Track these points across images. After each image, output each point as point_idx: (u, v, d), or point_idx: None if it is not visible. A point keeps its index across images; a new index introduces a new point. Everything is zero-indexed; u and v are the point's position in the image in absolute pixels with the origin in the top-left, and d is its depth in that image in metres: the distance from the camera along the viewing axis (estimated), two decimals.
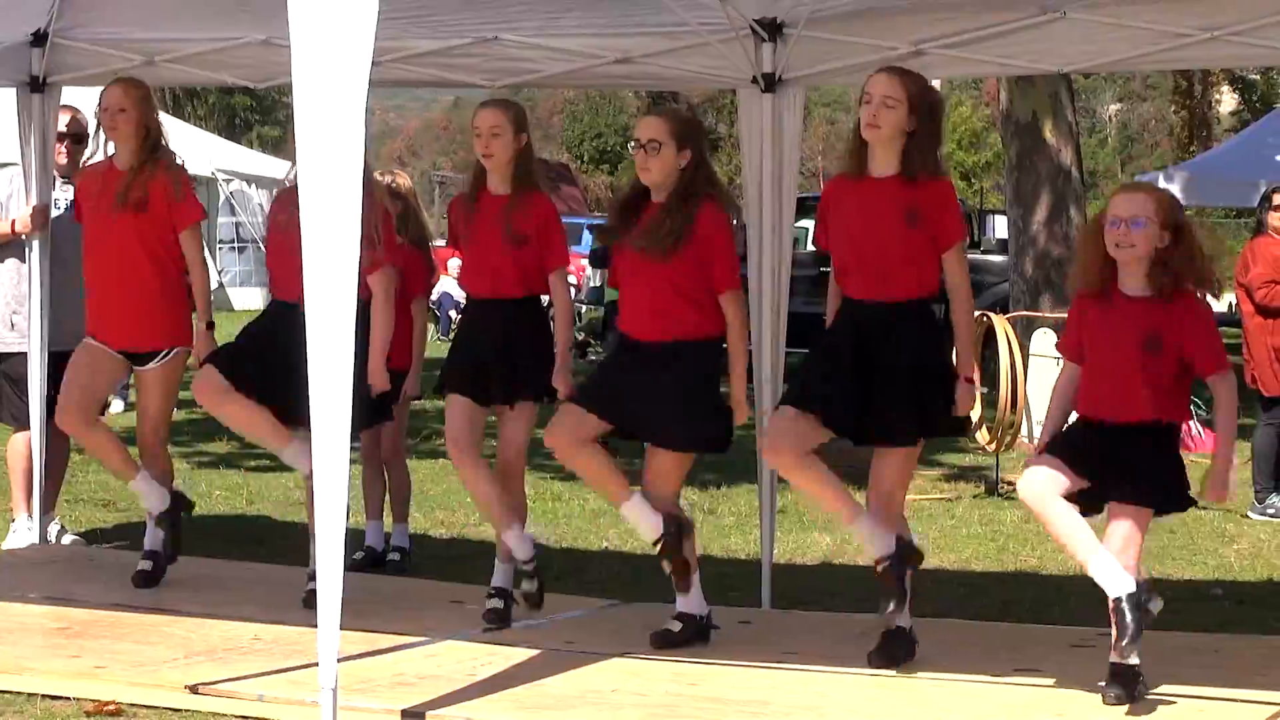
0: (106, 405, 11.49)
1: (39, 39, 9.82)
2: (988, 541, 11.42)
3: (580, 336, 26.11)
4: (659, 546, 7.67)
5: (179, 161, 8.86)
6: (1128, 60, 9.16)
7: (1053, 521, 6.65)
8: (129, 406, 17.27)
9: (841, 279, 7.43)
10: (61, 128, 9.99)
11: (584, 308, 26.27)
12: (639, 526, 7.78)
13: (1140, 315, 6.65)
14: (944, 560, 10.49)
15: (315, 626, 6.19)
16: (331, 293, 6.12)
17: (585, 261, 28.21)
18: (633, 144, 7.78)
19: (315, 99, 6.11)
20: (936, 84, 7.91)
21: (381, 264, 8.01)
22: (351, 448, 6.37)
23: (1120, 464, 6.64)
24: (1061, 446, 6.73)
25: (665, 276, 7.52)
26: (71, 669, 7.25)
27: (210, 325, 8.83)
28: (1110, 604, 6.57)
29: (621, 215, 7.82)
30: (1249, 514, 12.63)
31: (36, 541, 9.79)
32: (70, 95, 10.42)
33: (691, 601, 7.83)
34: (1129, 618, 6.52)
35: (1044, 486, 6.62)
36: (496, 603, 8.13)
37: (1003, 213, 24.11)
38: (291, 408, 7.88)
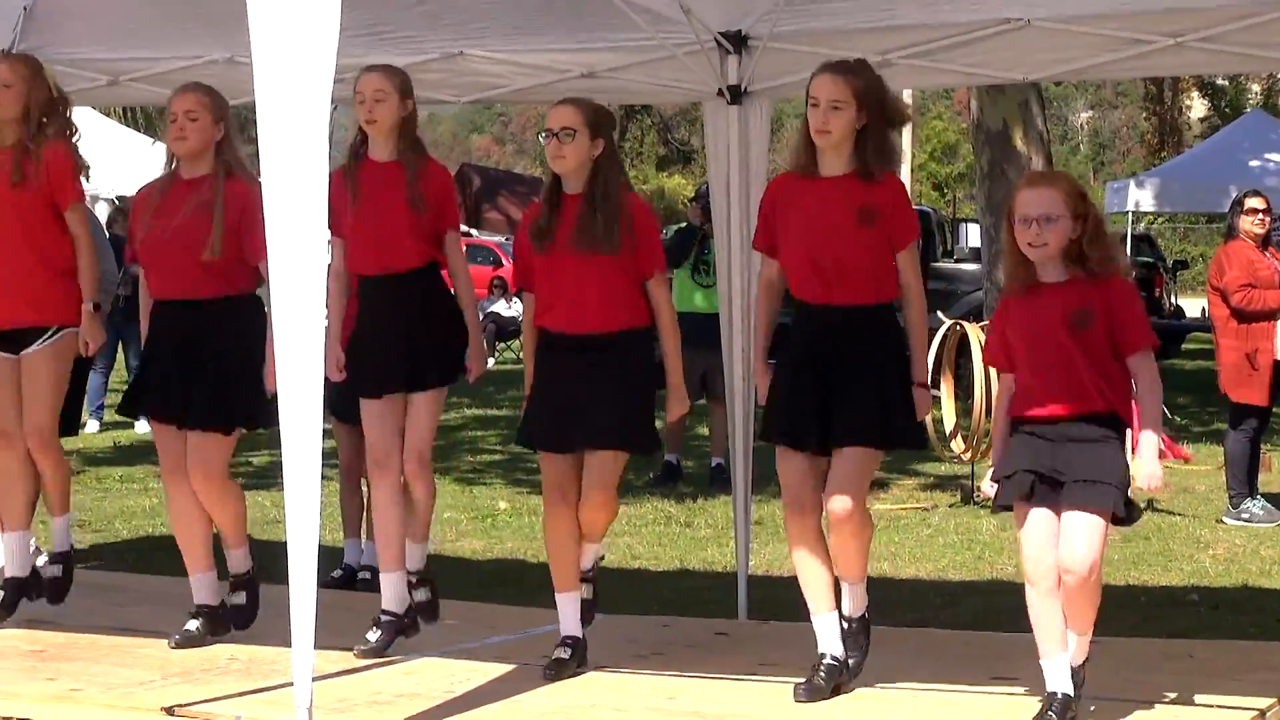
0: (82, 425, 11.46)
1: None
2: (964, 550, 11.43)
3: None
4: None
5: (70, 140, 8.47)
6: (1095, 67, 9.21)
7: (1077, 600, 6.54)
8: (104, 426, 17.30)
9: (797, 283, 7.29)
10: None
11: None
12: (563, 620, 7.61)
13: (1065, 295, 6.49)
14: (921, 570, 10.51)
15: (290, 646, 6.18)
16: (299, 307, 6.09)
17: None
18: (544, 134, 7.62)
19: (279, 116, 6.09)
20: (907, 95, 7.89)
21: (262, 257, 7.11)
22: (327, 464, 6.36)
23: (1081, 467, 6.46)
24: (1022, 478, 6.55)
25: (596, 267, 7.40)
26: (47, 692, 7.20)
27: (96, 306, 8.48)
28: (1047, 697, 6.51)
29: (545, 214, 7.60)
30: (1224, 519, 12.66)
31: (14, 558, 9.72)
32: None
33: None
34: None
35: (1047, 579, 6.52)
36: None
37: (975, 221, 24.13)
38: (191, 417, 7.93)
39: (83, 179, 8.52)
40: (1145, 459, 6.50)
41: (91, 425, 17.07)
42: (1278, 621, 9.19)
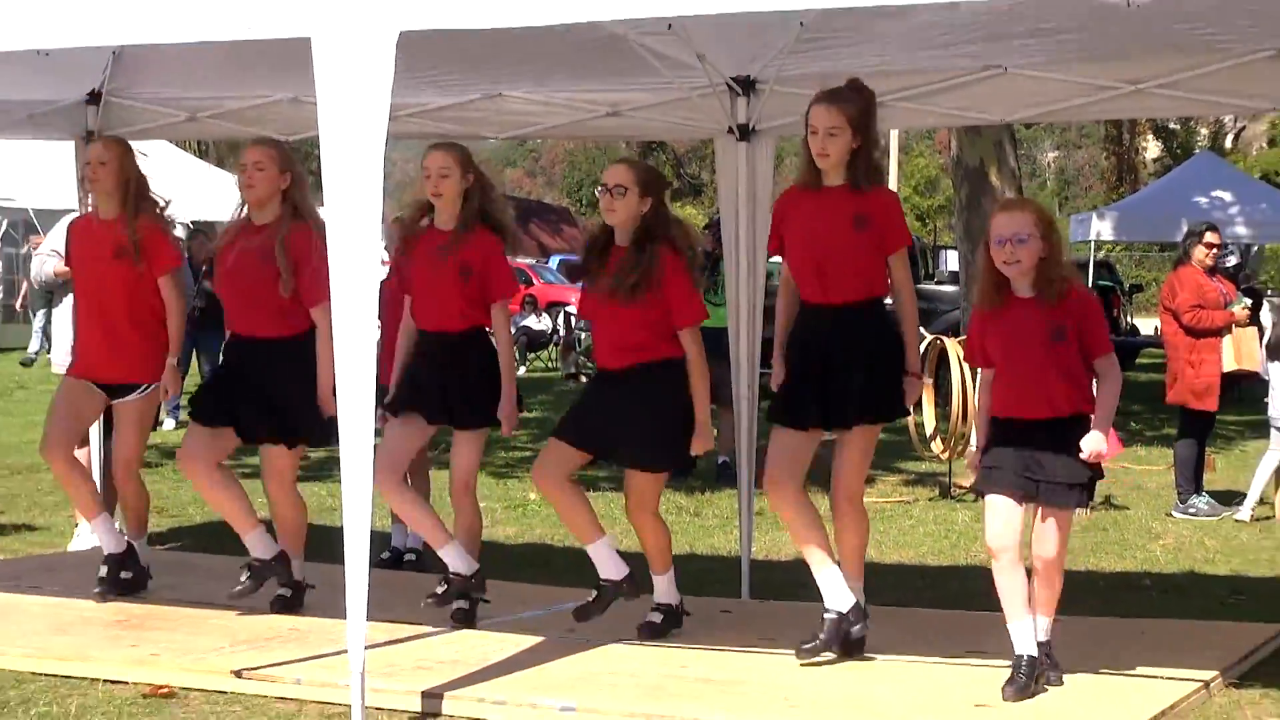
0: (159, 423, 11.46)
1: (94, 98, 9.85)
2: (942, 539, 11.43)
3: (582, 360, 26.13)
4: (612, 587, 7.65)
5: (161, 211, 8.61)
6: (1063, 111, 9.23)
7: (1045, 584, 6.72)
8: (179, 425, 17.30)
9: (799, 283, 7.35)
10: None
11: (583, 334, 26.25)
12: (601, 566, 7.69)
13: (1042, 312, 6.59)
14: (903, 556, 10.50)
15: (345, 619, 6.22)
16: (356, 320, 6.18)
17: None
18: (600, 189, 7.64)
19: (339, 151, 6.14)
20: (894, 134, 7.90)
21: (325, 299, 6.92)
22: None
23: (1049, 467, 6.57)
24: (1005, 482, 6.66)
25: (631, 315, 7.44)
26: (130, 657, 7.30)
27: (179, 362, 8.73)
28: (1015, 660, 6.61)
29: (589, 255, 7.70)
30: (1173, 513, 12.67)
31: (97, 544, 9.74)
32: None
33: (668, 593, 7.83)
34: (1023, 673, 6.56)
35: (1007, 553, 6.63)
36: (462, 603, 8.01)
37: (954, 248, 24.14)
38: (249, 430, 8.11)
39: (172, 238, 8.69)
40: (1094, 435, 6.59)
41: (168, 423, 17.08)
42: (1220, 604, 9.21)
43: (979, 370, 7.06)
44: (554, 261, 40.67)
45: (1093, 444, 6.53)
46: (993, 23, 7.74)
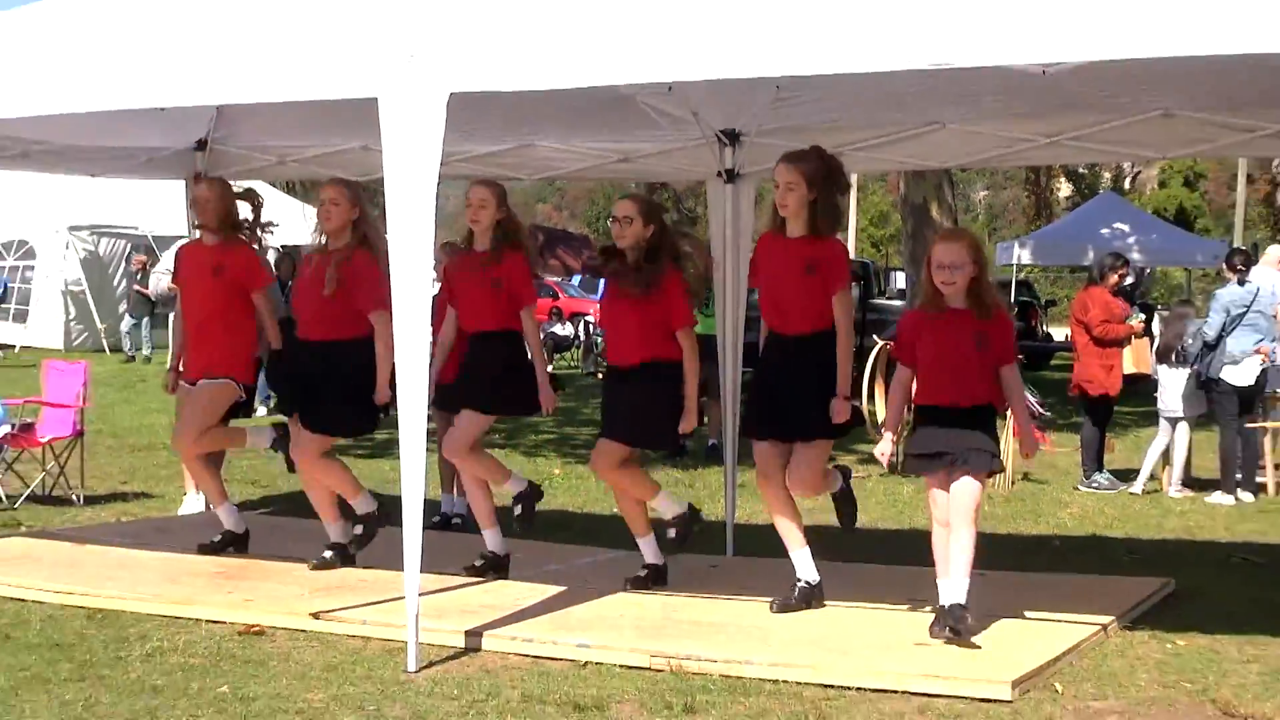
0: (252, 410, 11.44)
1: (201, 145, 9.85)
2: (890, 507, 11.41)
3: (600, 360, 26.11)
4: (681, 523, 7.79)
5: (255, 238, 8.58)
6: (989, 159, 9.28)
7: (959, 540, 6.62)
8: (270, 411, 17.31)
9: (765, 316, 7.33)
10: None
11: (599, 339, 26.24)
12: (665, 510, 7.79)
13: (969, 323, 6.63)
14: (859, 522, 10.44)
15: (403, 571, 6.25)
16: (413, 325, 6.21)
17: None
18: (611, 219, 7.68)
19: (399, 189, 6.17)
20: (853, 176, 7.89)
21: (382, 307, 7.11)
22: (430, 440, 6.39)
23: (964, 438, 6.59)
24: (926, 460, 6.71)
25: (638, 316, 7.47)
26: (228, 602, 7.31)
27: (259, 361, 8.64)
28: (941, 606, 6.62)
29: (602, 256, 7.74)
30: (1078, 487, 12.66)
31: (202, 509, 9.78)
32: None
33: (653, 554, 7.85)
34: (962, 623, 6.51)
35: (941, 522, 6.67)
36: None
37: (902, 270, 24.16)
38: (326, 424, 8.04)
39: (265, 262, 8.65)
40: (1025, 437, 6.88)
41: (260, 410, 17.06)
42: (1117, 562, 9.20)
43: (898, 364, 7.04)
44: (576, 280, 40.70)
45: (1029, 443, 6.90)
46: (933, 88, 7.74)
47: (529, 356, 7.99)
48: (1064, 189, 59.84)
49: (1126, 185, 56.31)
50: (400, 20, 6.42)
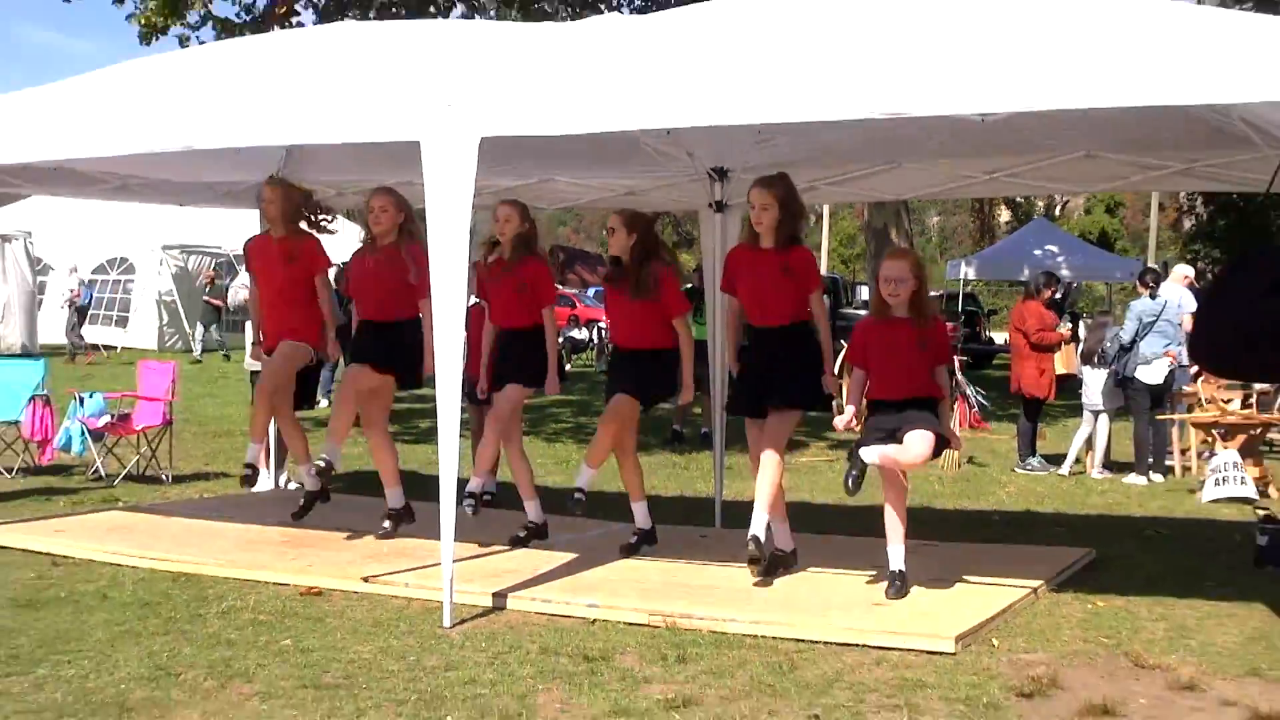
0: (315, 403, 11.42)
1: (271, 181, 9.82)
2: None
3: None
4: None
5: (319, 227, 8.56)
6: (939, 191, 9.27)
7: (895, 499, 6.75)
8: (330, 403, 17.28)
9: (749, 313, 7.25)
10: None
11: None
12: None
13: (912, 329, 6.63)
14: (828, 499, 10.44)
15: (439, 541, 6.24)
16: (450, 317, 6.22)
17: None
18: (606, 230, 7.79)
19: (439, 216, 6.17)
20: (825, 210, 7.86)
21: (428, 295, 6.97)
22: (463, 428, 6.37)
23: (912, 418, 6.62)
24: (879, 435, 6.70)
25: (640, 309, 7.49)
26: (292, 567, 7.29)
27: (333, 334, 8.50)
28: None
29: (613, 267, 7.69)
30: (1015, 469, 12.59)
31: (271, 486, 9.77)
32: None
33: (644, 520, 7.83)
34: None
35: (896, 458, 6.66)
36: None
37: (867, 284, 24.17)
38: (380, 361, 7.96)
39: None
40: (951, 433, 6.83)
41: (323, 402, 17.03)
42: (1047, 533, 9.12)
43: (854, 368, 7.00)
44: (591, 291, 40.71)
45: (954, 436, 6.86)
46: (891, 133, 7.74)
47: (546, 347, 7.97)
48: (1004, 215, 59.60)
49: (1057, 212, 56.01)
50: (438, 75, 6.44)
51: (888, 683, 5.38)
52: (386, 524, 8.08)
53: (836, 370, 7.88)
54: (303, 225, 8.43)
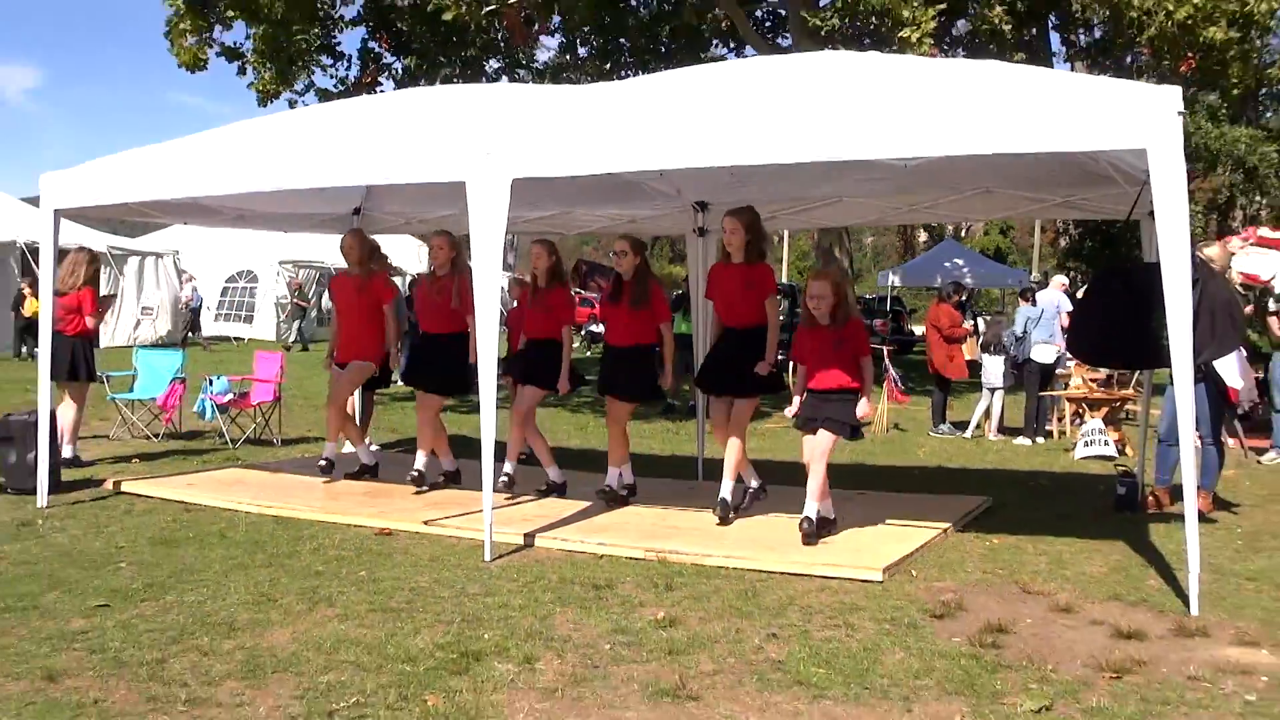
0: (393, 380, 11.27)
1: (356, 211, 9.66)
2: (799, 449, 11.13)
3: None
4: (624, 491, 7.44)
5: (387, 266, 8.41)
6: (872, 220, 9.08)
7: (814, 473, 6.41)
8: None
9: (720, 315, 7.08)
10: None
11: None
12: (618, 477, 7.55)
13: (833, 333, 6.41)
14: (787, 457, 10.28)
15: (481, 493, 6.05)
16: (489, 330, 5.99)
17: None
18: (613, 253, 7.62)
19: (481, 242, 5.97)
20: (786, 234, 7.64)
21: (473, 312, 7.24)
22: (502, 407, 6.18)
23: (830, 411, 6.38)
24: (806, 421, 6.47)
25: (635, 317, 7.30)
26: (369, 512, 7.10)
27: (393, 351, 8.31)
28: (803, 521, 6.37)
29: (615, 288, 7.46)
30: (930, 433, 12.41)
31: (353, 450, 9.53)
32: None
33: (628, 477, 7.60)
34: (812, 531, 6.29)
35: (809, 454, 6.43)
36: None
37: None
38: (437, 389, 7.81)
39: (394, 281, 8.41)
40: (863, 402, 6.42)
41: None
42: (952, 486, 8.90)
43: (797, 365, 6.80)
44: None
45: (863, 409, 6.42)
46: (836, 175, 7.58)
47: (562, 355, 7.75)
48: (922, 235, 59.28)
49: (963, 233, 55.69)
50: (479, 128, 6.24)
51: (830, 606, 5.22)
52: (440, 478, 7.98)
53: (792, 368, 7.65)
54: (373, 265, 8.30)
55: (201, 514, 7.14)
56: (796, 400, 6.72)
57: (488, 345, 5.99)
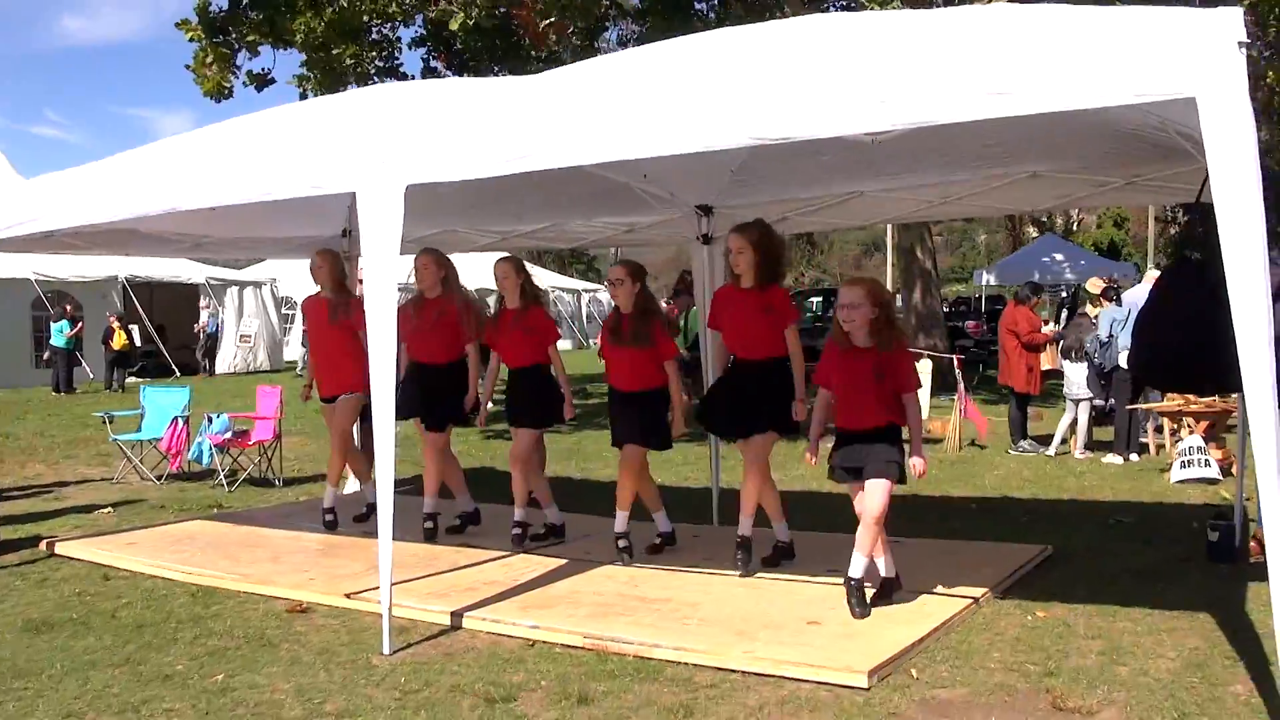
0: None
1: (345, 233, 8.57)
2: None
3: None
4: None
5: (360, 296, 7.27)
6: (895, 217, 7.70)
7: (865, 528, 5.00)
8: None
9: (731, 347, 5.87)
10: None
11: None
12: (660, 523, 6.45)
13: (869, 358, 4.96)
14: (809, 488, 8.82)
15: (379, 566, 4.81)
16: (384, 350, 4.75)
17: None
18: (607, 282, 6.41)
19: (374, 252, 4.72)
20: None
21: (472, 340, 6.76)
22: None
23: (874, 456, 4.93)
24: (844, 473, 5.07)
25: (638, 356, 6.08)
26: (293, 580, 5.87)
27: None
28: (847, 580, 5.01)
29: (614, 323, 6.19)
30: (1009, 451, 10.73)
31: (357, 489, 8.28)
32: None
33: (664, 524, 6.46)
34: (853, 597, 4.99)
35: (862, 511, 5.02)
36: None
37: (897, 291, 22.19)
38: (432, 419, 6.88)
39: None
40: (916, 457, 4.96)
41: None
42: (1014, 524, 7.29)
43: (819, 388, 5.37)
44: None
45: (918, 462, 4.96)
46: (853, 164, 6.19)
47: (555, 379, 6.63)
48: (1032, 231, 56.06)
49: (1074, 227, 52.26)
50: (372, 133, 5.03)
51: None
52: (457, 520, 7.01)
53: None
54: (347, 285, 7.33)
55: (118, 583, 6.07)
56: (813, 432, 5.33)
57: (383, 371, 4.74)
